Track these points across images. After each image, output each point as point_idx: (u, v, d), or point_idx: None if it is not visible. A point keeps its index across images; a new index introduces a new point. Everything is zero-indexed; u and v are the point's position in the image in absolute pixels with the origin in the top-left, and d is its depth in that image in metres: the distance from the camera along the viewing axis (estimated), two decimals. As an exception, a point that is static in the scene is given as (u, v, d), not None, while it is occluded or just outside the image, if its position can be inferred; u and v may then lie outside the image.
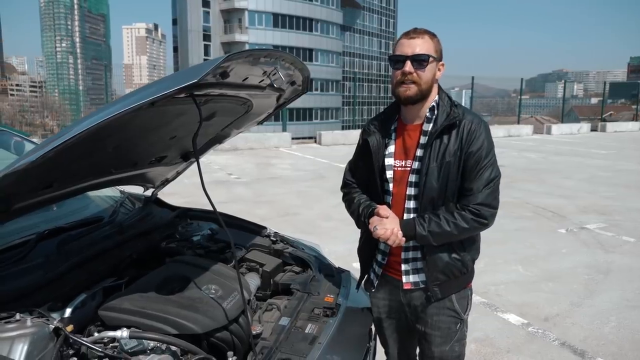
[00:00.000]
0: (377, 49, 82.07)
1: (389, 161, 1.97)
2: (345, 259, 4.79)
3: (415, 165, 1.91)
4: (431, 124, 1.89)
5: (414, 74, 1.83)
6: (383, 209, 1.92)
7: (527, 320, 3.90)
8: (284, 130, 17.40)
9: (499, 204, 1.90)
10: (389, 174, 1.96)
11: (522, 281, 4.77)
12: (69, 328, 1.63)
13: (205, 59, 51.12)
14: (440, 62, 1.90)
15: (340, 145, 17.33)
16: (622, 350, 3.48)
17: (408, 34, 1.86)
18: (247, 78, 1.75)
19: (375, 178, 1.99)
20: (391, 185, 1.96)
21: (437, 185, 1.86)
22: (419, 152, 1.90)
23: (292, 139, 17.34)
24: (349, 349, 1.85)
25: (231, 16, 53.60)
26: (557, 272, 5.01)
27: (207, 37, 53.25)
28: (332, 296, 2.12)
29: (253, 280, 2.24)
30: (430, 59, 1.84)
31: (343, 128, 47.28)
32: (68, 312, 1.71)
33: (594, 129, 24.48)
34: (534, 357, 3.38)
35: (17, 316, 1.59)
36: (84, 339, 1.58)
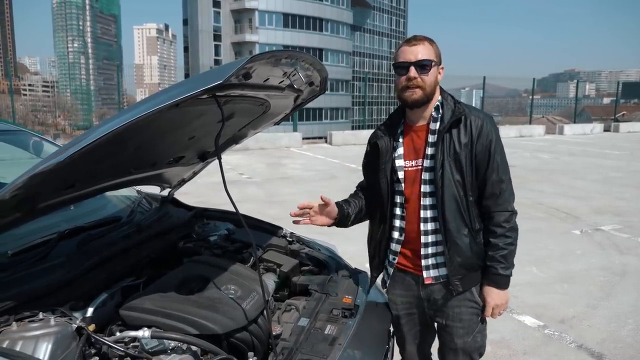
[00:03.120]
0: (387, 49, 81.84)
1: (399, 162, 2.04)
2: (358, 260, 4.77)
3: (427, 163, 1.98)
4: (438, 123, 1.96)
5: (418, 79, 1.91)
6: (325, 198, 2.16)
7: (543, 322, 3.87)
8: (295, 130, 17.43)
9: (513, 194, 2.02)
10: (400, 174, 2.03)
11: (537, 282, 4.73)
12: (91, 327, 1.64)
13: (215, 59, 51.38)
14: (440, 66, 1.99)
15: (350, 145, 17.32)
16: (640, 353, 3.44)
17: (409, 42, 1.94)
18: (268, 79, 1.75)
19: (381, 180, 2.07)
20: (403, 185, 2.03)
21: (454, 179, 1.93)
22: (430, 151, 1.97)
23: (303, 138, 17.36)
24: (368, 350, 1.85)
25: (241, 16, 53.75)
26: (572, 274, 4.96)
27: (217, 37, 53.46)
28: (350, 297, 2.11)
29: (270, 281, 2.24)
30: (433, 63, 1.92)
31: (353, 128, 47.27)
32: (90, 311, 1.73)
33: (607, 129, 24.24)
34: (551, 359, 3.36)
35: (40, 315, 1.61)
36: (106, 338, 1.60)
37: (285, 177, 10.76)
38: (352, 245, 5.57)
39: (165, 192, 2.90)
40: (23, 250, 1.90)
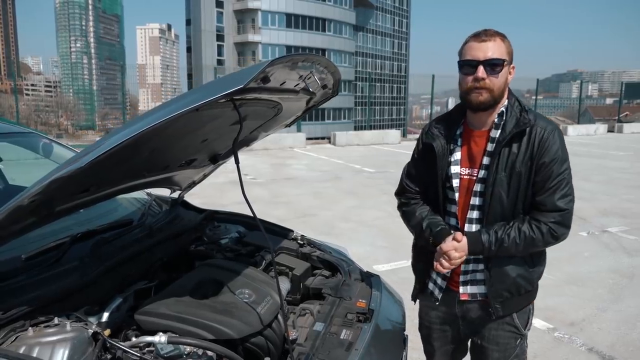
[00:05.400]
0: (389, 49, 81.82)
1: (455, 169, 1.87)
2: (365, 261, 4.77)
3: (482, 174, 1.81)
4: (499, 131, 1.79)
5: (487, 80, 1.72)
6: (460, 236, 1.81)
7: (552, 325, 3.85)
8: (299, 130, 17.40)
9: (571, 222, 1.81)
10: (455, 182, 1.87)
11: (546, 285, 4.64)
12: (107, 332, 1.64)
13: (218, 59, 51.41)
14: (512, 66, 1.80)
15: (354, 145, 17.31)
16: (651, 357, 3.42)
17: (479, 36, 1.74)
18: (284, 82, 1.74)
19: (437, 185, 1.90)
20: (457, 194, 1.87)
21: (506, 196, 1.77)
22: (486, 161, 1.81)
23: (306, 139, 17.34)
24: (385, 355, 1.83)
25: (244, 16, 53.81)
26: (581, 276, 4.94)
27: (220, 37, 53.52)
28: (364, 301, 2.09)
29: (283, 284, 2.22)
30: (505, 63, 1.73)
31: (355, 128, 47.22)
32: (105, 316, 1.72)
33: (610, 130, 24.16)
34: (561, 363, 3.34)
35: (56, 320, 1.60)
36: (122, 343, 1.58)
37: (290, 177, 10.75)
38: (359, 247, 5.58)
39: (175, 194, 2.88)
40: (36, 254, 1.89)
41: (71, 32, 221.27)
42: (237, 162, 1.72)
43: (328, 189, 9.44)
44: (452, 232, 1.86)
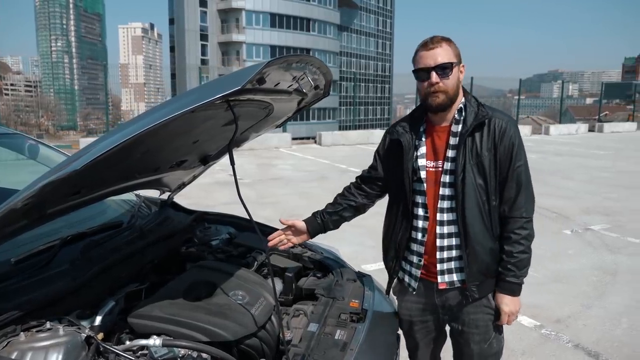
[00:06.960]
0: (374, 49, 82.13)
1: (421, 162, 1.99)
2: (354, 261, 4.76)
3: (448, 166, 1.94)
4: (460, 125, 1.92)
5: (440, 84, 1.86)
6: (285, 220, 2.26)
7: (539, 322, 3.90)
8: (284, 130, 17.37)
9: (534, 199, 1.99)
10: (423, 174, 1.99)
11: (531, 282, 4.73)
12: (100, 336, 1.62)
13: (202, 59, 51.07)
14: (461, 65, 1.93)
15: (340, 145, 17.33)
16: (635, 352, 3.49)
17: (427, 45, 1.88)
18: (278, 83, 1.74)
19: (404, 178, 2.01)
20: (425, 185, 1.98)
21: (476, 183, 1.89)
22: (450, 153, 1.93)
23: (292, 139, 17.31)
24: (380, 354, 1.84)
25: (228, 16, 53.54)
26: (565, 274, 5.02)
27: (204, 36, 53.16)
28: (357, 301, 2.10)
29: (276, 285, 2.22)
30: (453, 65, 1.87)
31: (340, 128, 47.38)
32: (98, 319, 1.70)
33: (591, 130, 24.52)
34: (549, 359, 3.39)
35: (48, 324, 1.58)
36: (115, 347, 1.57)
37: (276, 177, 10.73)
38: (348, 247, 5.58)
39: (164, 196, 2.86)
40: (26, 257, 1.86)
41: (52, 31, 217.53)
42: (232, 162, 1.71)
43: (314, 189, 9.44)
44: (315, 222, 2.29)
